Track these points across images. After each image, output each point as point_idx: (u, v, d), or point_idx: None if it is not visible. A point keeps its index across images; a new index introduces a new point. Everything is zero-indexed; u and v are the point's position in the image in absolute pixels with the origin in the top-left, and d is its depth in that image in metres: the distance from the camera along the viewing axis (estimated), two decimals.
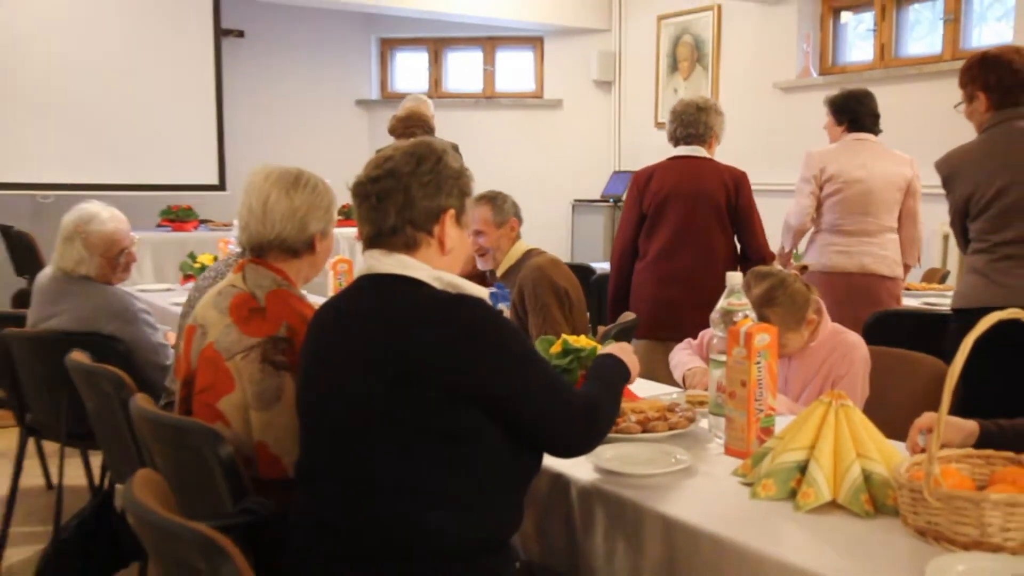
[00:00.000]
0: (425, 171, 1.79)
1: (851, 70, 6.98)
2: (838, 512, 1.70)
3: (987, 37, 6.26)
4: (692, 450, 2.05)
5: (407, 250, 1.79)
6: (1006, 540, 1.49)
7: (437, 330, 1.67)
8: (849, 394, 2.41)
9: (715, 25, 7.73)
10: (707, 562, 1.63)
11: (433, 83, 8.93)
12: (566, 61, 8.73)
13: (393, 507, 1.66)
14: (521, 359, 1.74)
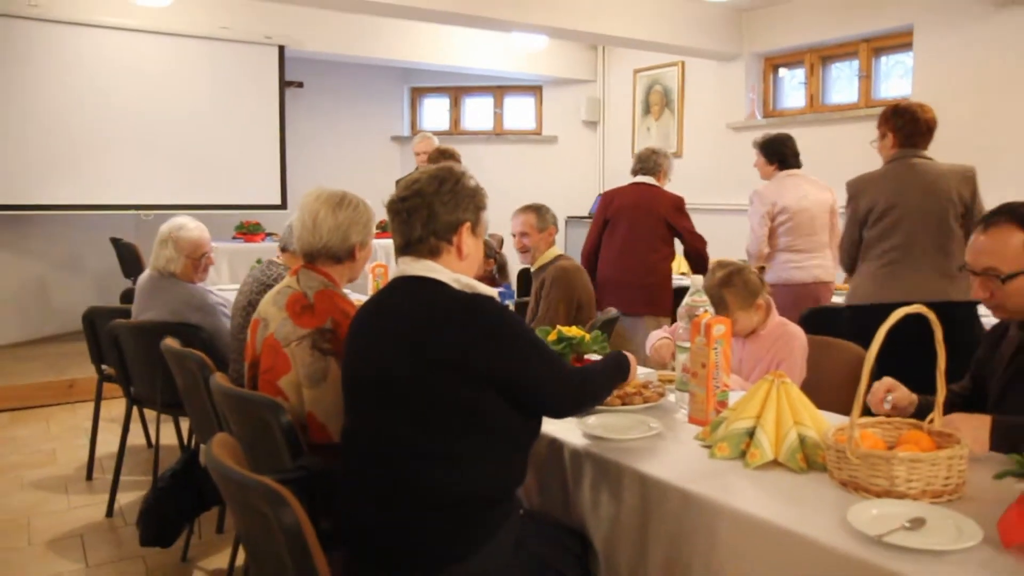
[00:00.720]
0: (446, 191, 1.78)
1: (787, 114, 6.94)
2: (779, 468, 1.69)
3: (892, 90, 6.24)
4: (662, 419, 2.03)
5: (431, 256, 1.78)
6: (909, 489, 1.49)
7: (457, 323, 1.66)
8: (791, 373, 2.42)
9: (680, 77, 7.69)
10: (674, 509, 1.62)
11: (453, 123, 8.91)
12: (561, 105, 8.70)
13: (418, 466, 1.65)
14: (525, 343, 1.73)
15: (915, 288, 3.12)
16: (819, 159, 6.46)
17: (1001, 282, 1.87)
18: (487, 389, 1.66)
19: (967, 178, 3.18)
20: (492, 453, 1.70)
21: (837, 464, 1.58)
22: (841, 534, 1.37)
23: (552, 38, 7.15)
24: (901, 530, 1.34)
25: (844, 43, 6.43)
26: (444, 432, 1.66)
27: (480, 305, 1.70)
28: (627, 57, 8.10)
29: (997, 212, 1.93)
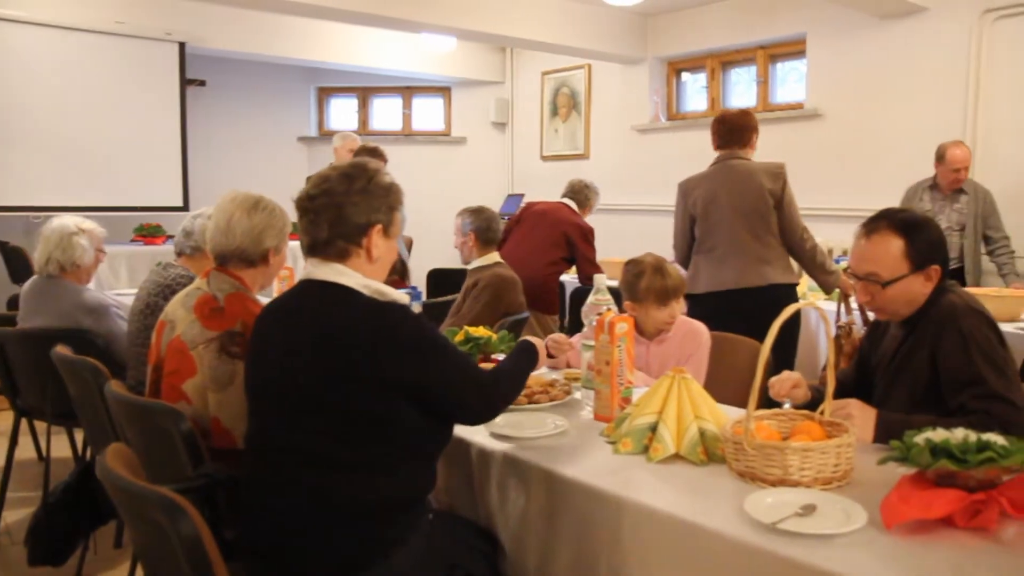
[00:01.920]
0: (356, 190, 1.71)
1: (690, 117, 7.13)
2: (680, 462, 1.73)
3: (788, 95, 6.49)
4: (568, 417, 2.05)
5: (339, 259, 1.71)
6: (802, 477, 1.55)
7: (365, 333, 1.60)
8: (697, 367, 2.49)
9: (587, 80, 7.80)
10: (579, 505, 1.64)
11: (361, 123, 8.80)
12: (469, 106, 8.70)
13: (324, 475, 1.61)
14: (437, 351, 1.67)
15: (740, 276, 3.47)
16: None
17: (882, 287, 1.96)
18: (397, 399, 1.62)
19: (775, 174, 3.48)
20: (402, 462, 1.66)
21: (735, 455, 1.63)
22: (738, 523, 1.41)
23: (461, 39, 7.16)
24: (794, 516, 1.39)
25: (743, 49, 6.65)
26: (352, 441, 1.61)
27: (390, 313, 1.65)
28: (535, 59, 8.17)
29: (878, 218, 2.02)
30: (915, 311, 1.98)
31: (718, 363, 2.64)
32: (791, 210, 3.48)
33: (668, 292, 2.55)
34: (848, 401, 1.84)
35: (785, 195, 3.47)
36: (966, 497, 1.37)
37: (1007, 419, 1.75)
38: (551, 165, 8.24)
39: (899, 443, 1.46)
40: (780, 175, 3.49)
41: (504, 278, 3.61)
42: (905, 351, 2.00)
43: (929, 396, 1.91)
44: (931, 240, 1.97)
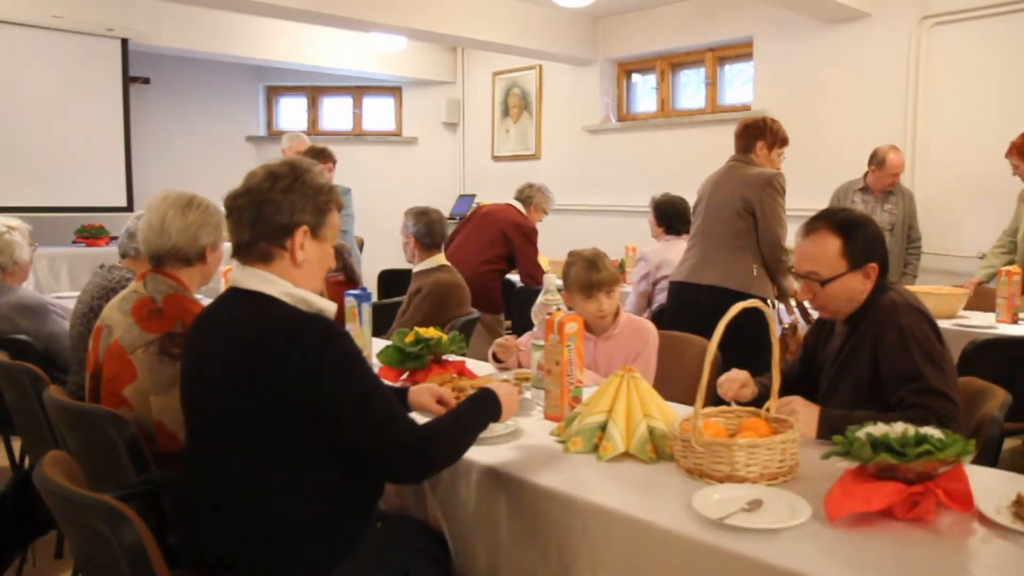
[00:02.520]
0: (279, 189, 1.61)
1: (640, 118, 7.20)
2: (630, 460, 1.74)
3: (736, 97, 6.60)
4: (519, 417, 2.06)
5: (262, 262, 1.62)
6: (749, 472, 1.58)
7: (279, 346, 1.50)
8: (645, 364, 2.50)
9: (538, 80, 7.83)
10: (529, 505, 1.64)
11: (311, 123, 8.70)
12: (420, 106, 8.66)
13: (253, 496, 1.54)
14: (353, 381, 1.54)
15: (691, 270, 3.54)
16: (669, 161, 6.77)
17: (821, 285, 2.01)
18: (315, 422, 1.52)
19: (760, 183, 3.39)
20: (335, 483, 1.57)
21: (683, 453, 1.65)
22: (686, 519, 1.43)
23: (411, 39, 7.12)
24: (740, 512, 1.42)
25: (692, 51, 6.74)
26: (275, 463, 1.53)
27: (310, 327, 1.54)
28: (486, 60, 8.17)
29: (818, 219, 2.07)
30: (857, 309, 2.03)
31: (667, 362, 2.67)
32: (765, 222, 3.38)
33: (592, 285, 2.54)
34: (792, 398, 1.88)
35: (762, 206, 3.38)
36: (905, 489, 1.41)
37: (944, 413, 1.80)
38: (503, 165, 8.25)
39: (841, 438, 1.50)
40: (765, 185, 3.39)
41: (446, 284, 3.56)
42: (849, 348, 2.04)
43: (872, 392, 1.96)
44: (868, 239, 2.02)
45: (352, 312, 2.76)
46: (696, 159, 6.53)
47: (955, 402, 1.85)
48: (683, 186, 6.33)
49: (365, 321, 2.78)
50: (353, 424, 1.53)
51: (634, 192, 6.83)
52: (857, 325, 2.03)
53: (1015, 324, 3.65)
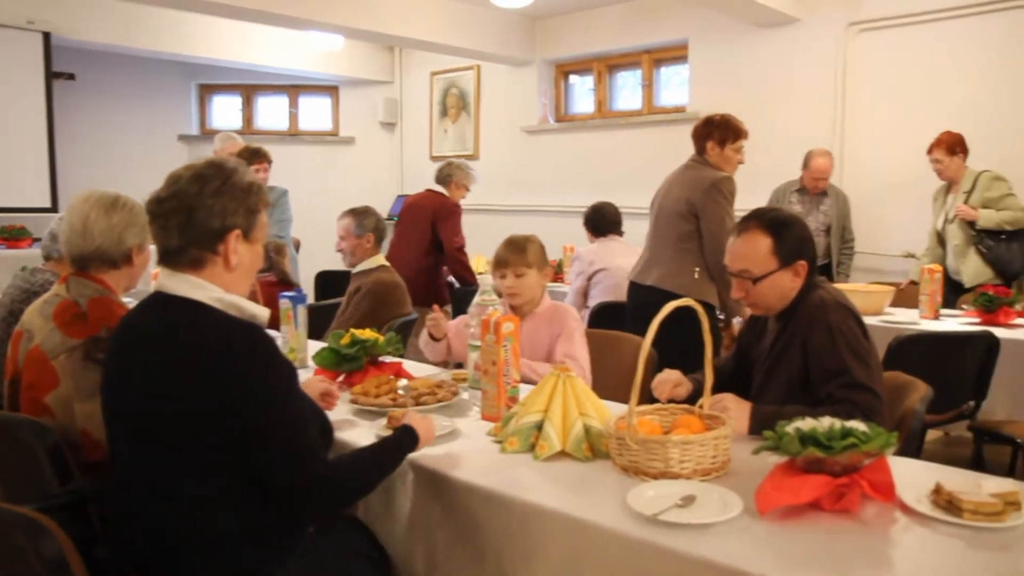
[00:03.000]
0: (209, 192, 1.55)
1: (578, 119, 7.26)
2: (566, 459, 1.75)
3: (671, 98, 6.70)
4: (456, 418, 2.06)
5: (193, 268, 1.57)
6: (682, 469, 1.60)
7: (209, 353, 1.47)
8: (567, 341, 2.53)
9: (476, 80, 7.83)
10: (467, 506, 1.64)
11: (246, 122, 8.54)
12: (358, 106, 8.58)
13: (173, 507, 1.49)
14: (278, 399, 1.49)
15: (637, 270, 3.59)
16: (606, 162, 6.84)
17: (753, 283, 2.05)
18: (233, 434, 1.47)
19: (706, 187, 3.37)
20: (260, 493, 1.52)
21: (619, 451, 1.67)
22: (621, 516, 1.45)
23: (348, 38, 7.04)
24: (674, 508, 1.44)
25: (628, 53, 6.82)
26: (202, 472, 1.49)
27: (240, 335, 1.50)
28: (424, 59, 8.14)
29: (749, 218, 2.12)
30: (787, 306, 2.08)
31: (603, 360, 2.69)
32: (708, 227, 3.34)
33: (499, 262, 2.65)
34: (724, 396, 1.92)
35: (704, 211, 3.35)
36: (832, 482, 1.45)
37: (868, 407, 1.86)
38: (441, 166, 8.22)
39: (772, 433, 1.53)
40: (710, 189, 3.36)
41: (386, 284, 3.54)
42: (780, 345, 2.09)
43: (803, 387, 2.01)
44: (797, 238, 2.08)
45: (287, 314, 2.72)
46: (633, 160, 6.63)
47: (879, 396, 1.91)
48: (620, 186, 6.44)
49: (300, 323, 2.75)
50: (266, 445, 1.48)
51: (572, 192, 6.89)
52: (788, 322, 2.08)
53: (937, 320, 3.79)
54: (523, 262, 2.62)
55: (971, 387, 3.25)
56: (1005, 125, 4.83)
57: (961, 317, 3.82)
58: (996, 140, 4.79)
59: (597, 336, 2.81)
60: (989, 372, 3.23)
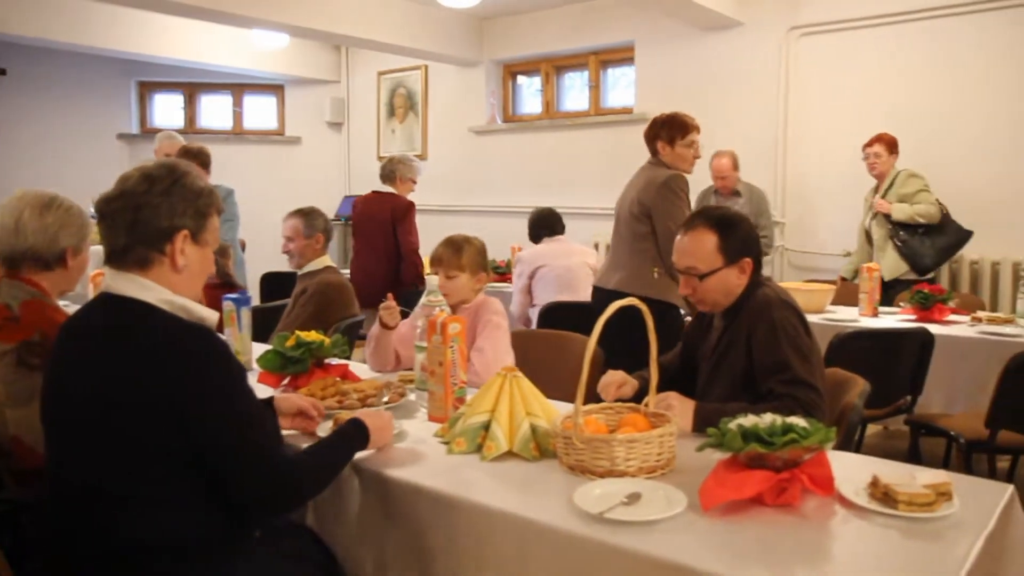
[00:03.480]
0: (157, 192, 1.55)
1: (526, 119, 7.28)
2: (513, 459, 1.75)
3: (618, 99, 6.76)
4: (403, 419, 2.04)
5: (140, 268, 1.55)
6: (628, 467, 1.62)
7: (158, 355, 1.45)
8: (480, 334, 2.52)
9: (423, 81, 7.80)
10: (414, 508, 1.63)
11: (188, 121, 8.38)
12: (304, 105, 8.48)
13: (114, 511, 1.46)
14: (237, 405, 1.49)
15: (600, 274, 3.61)
16: (554, 162, 6.87)
17: (700, 280, 2.09)
18: (184, 438, 1.46)
19: (651, 187, 3.35)
20: (208, 494, 1.50)
21: (565, 450, 1.68)
22: (568, 515, 1.45)
23: (294, 37, 6.95)
24: (620, 506, 1.45)
25: (576, 54, 6.87)
26: (146, 477, 1.46)
27: (189, 336, 1.49)
28: (371, 59, 8.08)
29: (696, 217, 2.16)
30: (733, 303, 2.12)
31: (550, 361, 2.71)
32: (661, 225, 3.31)
33: (433, 258, 2.64)
34: (668, 394, 1.94)
35: (656, 210, 3.33)
36: (773, 477, 1.48)
37: (809, 402, 1.90)
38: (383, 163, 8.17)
39: (715, 430, 1.56)
40: (660, 187, 3.33)
41: (332, 285, 3.50)
42: (725, 342, 2.13)
43: (748, 383, 2.05)
44: (743, 236, 2.12)
45: (231, 316, 2.68)
46: (581, 160, 6.68)
47: (820, 391, 1.95)
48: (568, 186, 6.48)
49: (244, 326, 2.70)
50: (225, 447, 1.47)
51: (520, 193, 6.91)
52: (733, 319, 2.12)
53: (876, 317, 3.89)
54: (456, 264, 2.59)
55: (908, 382, 3.34)
56: (934, 127, 4.99)
57: (899, 314, 3.93)
58: (925, 142, 4.96)
59: (544, 336, 2.83)
60: (925, 368, 3.33)
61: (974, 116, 4.89)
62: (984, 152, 4.87)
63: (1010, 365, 2.75)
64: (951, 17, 4.94)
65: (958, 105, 4.94)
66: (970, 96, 4.90)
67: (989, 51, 4.83)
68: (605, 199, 6.41)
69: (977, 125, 4.88)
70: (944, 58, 4.98)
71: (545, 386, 1.94)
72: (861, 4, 5.24)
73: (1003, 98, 4.80)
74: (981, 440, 2.86)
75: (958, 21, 4.92)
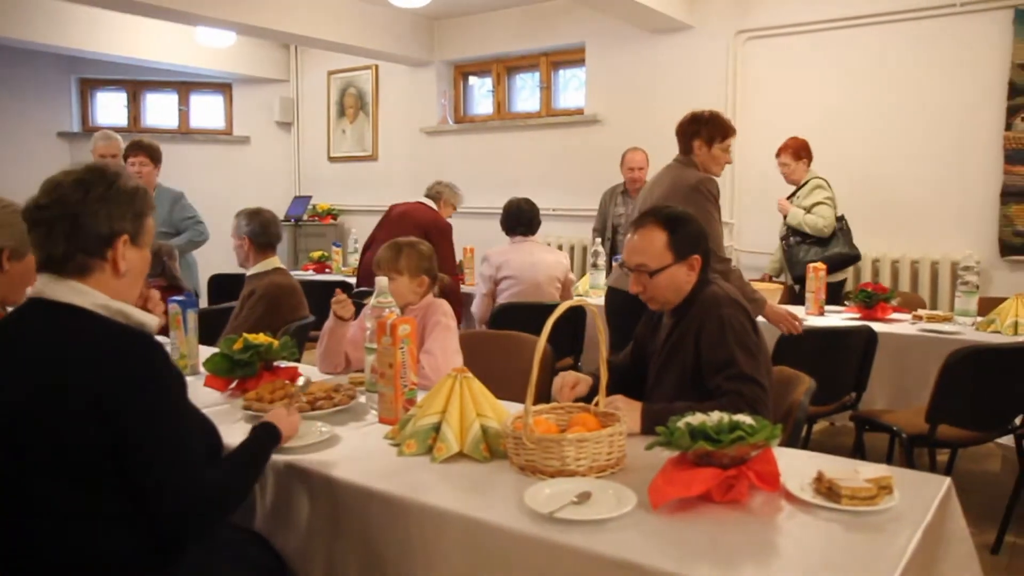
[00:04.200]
0: (94, 199, 1.51)
1: (477, 120, 7.28)
2: (464, 460, 1.75)
3: (569, 100, 6.80)
4: (352, 422, 2.03)
5: (79, 275, 1.52)
6: (579, 466, 1.62)
7: (91, 361, 1.42)
8: (428, 336, 2.52)
9: (374, 80, 7.75)
10: (364, 511, 1.62)
11: (132, 119, 8.19)
12: (252, 104, 8.36)
13: (49, 523, 1.42)
14: (165, 412, 1.45)
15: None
16: (505, 163, 6.88)
17: (650, 276, 2.11)
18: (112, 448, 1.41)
19: (682, 190, 3.16)
20: (140, 510, 1.45)
21: (515, 450, 1.68)
22: (519, 515, 1.46)
23: (241, 35, 6.84)
24: (570, 505, 1.46)
25: (527, 55, 6.89)
26: (81, 488, 1.42)
27: (130, 348, 1.45)
28: (321, 58, 8.00)
29: (646, 215, 2.19)
30: (682, 300, 2.14)
31: (502, 361, 2.71)
32: None
33: (374, 261, 2.64)
34: (615, 397, 1.96)
35: None
36: (721, 474, 1.50)
37: (754, 397, 1.93)
38: (339, 167, 8.11)
39: (664, 429, 1.57)
40: (692, 191, 3.14)
41: (280, 287, 3.44)
42: (675, 338, 2.16)
43: (696, 380, 2.08)
44: (692, 233, 2.15)
45: (176, 319, 2.62)
46: (532, 161, 6.71)
47: (764, 387, 1.98)
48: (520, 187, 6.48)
49: (191, 329, 2.65)
50: (148, 459, 1.43)
51: (471, 194, 6.87)
52: (682, 316, 2.15)
53: (822, 316, 3.97)
54: (394, 268, 2.58)
55: (853, 379, 3.42)
56: (875, 128, 5.13)
57: (843, 313, 4.01)
58: (867, 143, 5.09)
59: (497, 337, 2.83)
60: (869, 364, 3.41)
61: (914, 119, 5.03)
62: (924, 154, 5.01)
63: (948, 361, 2.83)
64: (891, 24, 5.07)
65: (897, 108, 5.08)
66: (910, 99, 5.04)
67: (927, 56, 4.97)
68: (556, 200, 6.49)
69: (918, 127, 5.02)
70: (884, 62, 5.11)
71: (496, 387, 1.94)
72: (807, 10, 5.35)
73: (941, 101, 4.95)
74: (922, 435, 2.94)
75: (897, 27, 5.05)
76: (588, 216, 6.10)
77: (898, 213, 4.69)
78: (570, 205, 6.44)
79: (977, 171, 4.87)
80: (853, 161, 4.86)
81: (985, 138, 4.83)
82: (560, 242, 6.36)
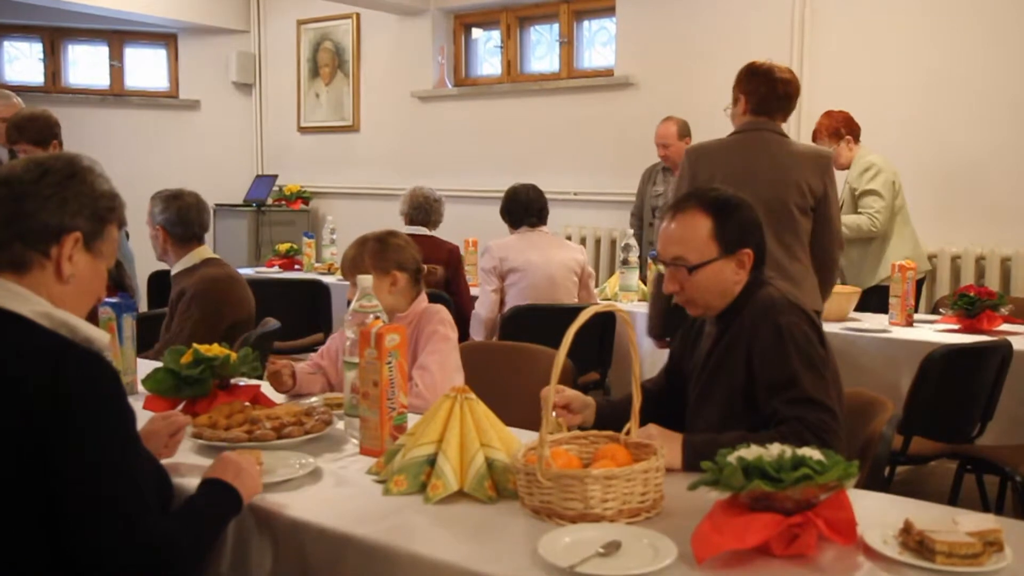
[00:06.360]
0: (48, 183, 1.56)
1: (482, 82, 7.31)
2: (465, 500, 1.76)
3: (596, 59, 6.81)
4: (328, 453, 2.05)
5: (15, 271, 1.55)
6: (605, 510, 1.64)
7: (27, 385, 1.43)
8: (438, 346, 2.58)
9: (355, 33, 7.79)
10: (341, 562, 1.63)
11: (50, 77, 8.24)
12: (203, 60, 8.42)
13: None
14: (113, 451, 1.48)
15: None
16: (517, 136, 6.89)
17: (688, 272, 2.11)
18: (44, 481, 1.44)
19: (822, 164, 3.28)
20: (64, 565, 1.48)
21: (528, 489, 1.69)
22: (532, 569, 1.47)
23: None
24: (595, 557, 1.47)
25: (544, 3, 6.91)
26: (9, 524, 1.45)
27: (74, 366, 1.47)
28: (289, 4, 8.05)
29: (686, 198, 2.20)
30: (729, 304, 2.15)
31: (515, 379, 2.73)
32: (834, 217, 3.30)
33: (340, 264, 2.69)
34: (648, 427, 1.95)
35: (828, 195, 3.27)
36: (782, 521, 1.51)
37: (820, 425, 1.92)
38: (312, 138, 8.15)
39: (711, 464, 1.58)
40: (827, 166, 3.28)
41: (216, 280, 3.43)
42: (720, 352, 2.16)
43: (747, 402, 2.08)
44: (743, 221, 2.15)
45: (109, 326, 2.64)
46: (550, 134, 6.71)
47: (833, 412, 1.97)
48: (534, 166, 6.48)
49: (127, 338, 2.67)
50: (85, 503, 1.45)
51: (476, 173, 6.92)
52: (729, 324, 2.15)
53: (911, 327, 3.94)
54: (359, 267, 2.60)
55: (981, 409, 3.28)
56: (971, 99, 5.13)
57: (937, 323, 3.99)
58: (959, 116, 5.09)
59: (505, 349, 2.85)
60: (998, 390, 3.26)
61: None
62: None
63: None
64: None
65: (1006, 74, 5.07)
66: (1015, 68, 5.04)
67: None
68: (579, 182, 6.50)
69: None
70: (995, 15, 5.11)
71: (504, 411, 1.96)
72: None
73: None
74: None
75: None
76: (617, 202, 6.11)
77: (983, 200, 4.68)
78: (596, 188, 6.46)
79: None
80: (946, 137, 4.86)
81: None
82: (584, 233, 6.38)
